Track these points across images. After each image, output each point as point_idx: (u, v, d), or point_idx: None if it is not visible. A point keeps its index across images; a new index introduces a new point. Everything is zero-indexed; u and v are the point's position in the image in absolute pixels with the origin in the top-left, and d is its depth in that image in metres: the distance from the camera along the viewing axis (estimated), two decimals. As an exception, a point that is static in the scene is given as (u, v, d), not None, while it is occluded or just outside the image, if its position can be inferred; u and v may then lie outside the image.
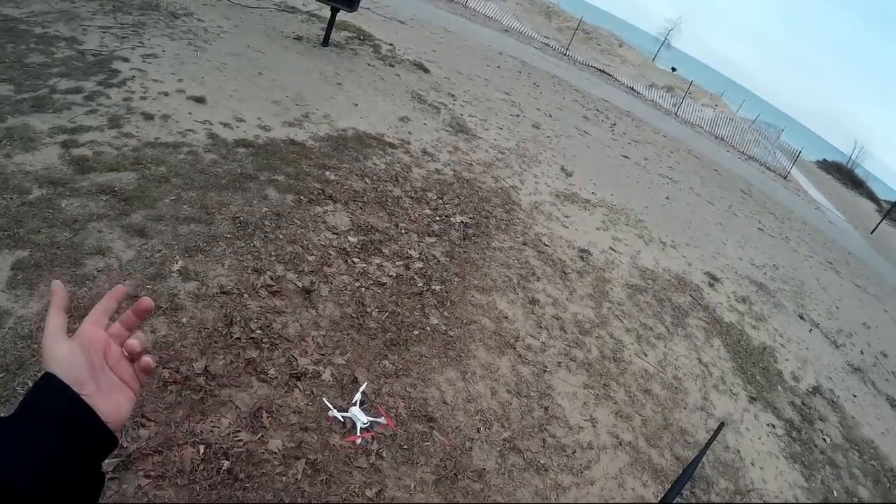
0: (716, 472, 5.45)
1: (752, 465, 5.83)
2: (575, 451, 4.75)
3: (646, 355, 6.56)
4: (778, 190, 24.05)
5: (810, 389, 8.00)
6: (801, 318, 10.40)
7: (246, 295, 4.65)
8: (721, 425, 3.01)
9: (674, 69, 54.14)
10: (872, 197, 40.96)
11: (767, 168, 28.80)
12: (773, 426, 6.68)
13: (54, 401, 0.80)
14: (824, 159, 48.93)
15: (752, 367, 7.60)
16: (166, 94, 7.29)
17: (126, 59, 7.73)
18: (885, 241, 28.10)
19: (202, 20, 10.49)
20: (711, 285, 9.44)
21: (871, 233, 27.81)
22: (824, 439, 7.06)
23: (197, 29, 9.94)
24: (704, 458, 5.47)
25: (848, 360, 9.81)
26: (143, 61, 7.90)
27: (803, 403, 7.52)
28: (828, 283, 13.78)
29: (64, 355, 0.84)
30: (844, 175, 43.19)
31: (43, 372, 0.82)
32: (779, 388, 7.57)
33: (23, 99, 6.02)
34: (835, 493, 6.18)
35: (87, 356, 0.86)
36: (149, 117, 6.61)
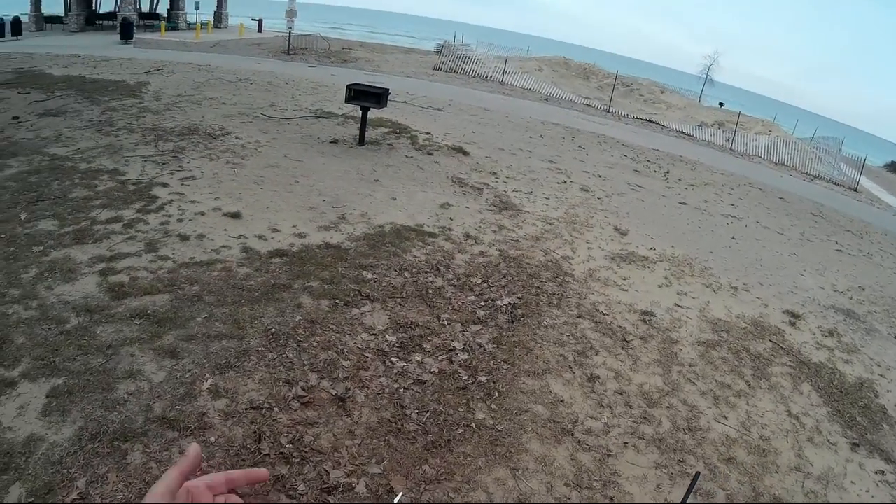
0: (819, 539, 4.88)
1: (864, 527, 5.21)
2: (653, 544, 4.32)
3: (725, 418, 6.03)
4: (850, 204, 22.82)
5: (920, 422, 7.22)
6: (900, 341, 9.56)
7: (277, 409, 4.54)
8: (696, 475, 2.70)
9: (721, 104, 53.08)
10: (950, 194, 38.47)
11: (835, 184, 27.46)
12: (883, 472, 5.97)
13: None
14: (892, 161, 46.61)
15: (850, 409, 6.90)
16: (202, 213, 7.47)
17: (165, 185, 8.03)
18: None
19: (240, 137, 10.89)
20: (793, 324, 8.78)
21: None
22: (943, 479, 6.30)
23: (235, 147, 10.30)
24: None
25: (957, 381, 8.89)
26: (182, 184, 8.19)
27: (915, 440, 6.77)
28: (923, 296, 12.74)
29: None
30: (916, 174, 40.96)
31: None
32: (884, 426, 6.83)
33: (65, 233, 6.31)
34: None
35: None
36: (184, 238, 6.77)
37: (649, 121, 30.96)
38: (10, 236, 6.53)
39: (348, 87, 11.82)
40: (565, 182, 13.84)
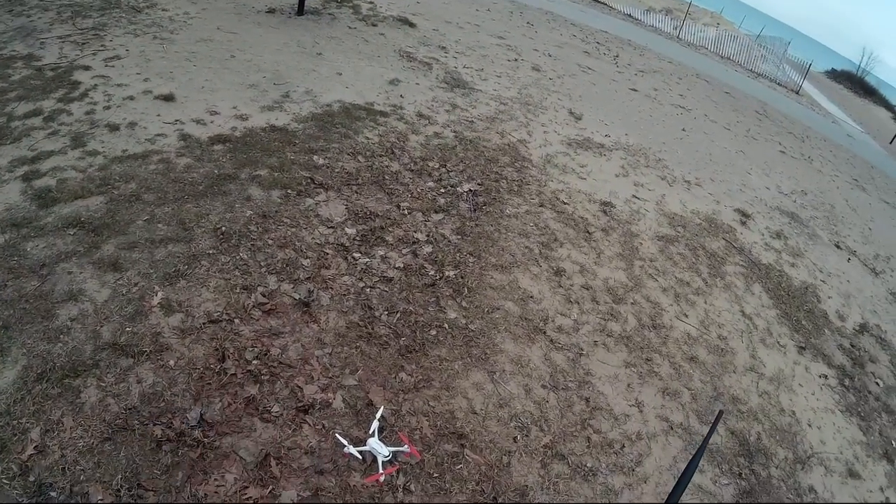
0: (773, 441, 4.98)
1: (810, 426, 5.37)
2: (623, 446, 4.25)
3: (686, 316, 5.99)
4: (792, 106, 23.05)
5: (857, 328, 7.44)
6: (838, 246, 9.76)
7: (237, 320, 4.13)
8: (720, 413, 2.62)
9: (669, -12, 52.25)
10: (887, 105, 39.45)
11: (778, 84, 27.65)
12: (826, 377, 6.18)
13: None
14: (833, 69, 47.22)
15: (796, 312, 7.03)
16: (132, 97, 6.67)
17: (87, 68, 7.11)
18: (906, 148, 27.09)
19: (166, 9, 9.78)
20: (744, 223, 8.79)
21: (891, 142, 26.77)
22: (877, 383, 6.57)
23: (162, 20, 9.24)
24: (760, 428, 4.99)
25: (889, 287, 9.19)
26: (106, 66, 7.27)
27: (852, 345, 6.98)
28: (857, 204, 13.06)
29: None
30: (856, 84, 41.65)
31: None
32: (826, 331, 7.01)
33: (-23, 134, 5.46)
34: (894, 443, 5.73)
35: None
36: (114, 128, 6.02)
37: (598, 0, 30.04)
38: None
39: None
40: (516, 60, 13.23)
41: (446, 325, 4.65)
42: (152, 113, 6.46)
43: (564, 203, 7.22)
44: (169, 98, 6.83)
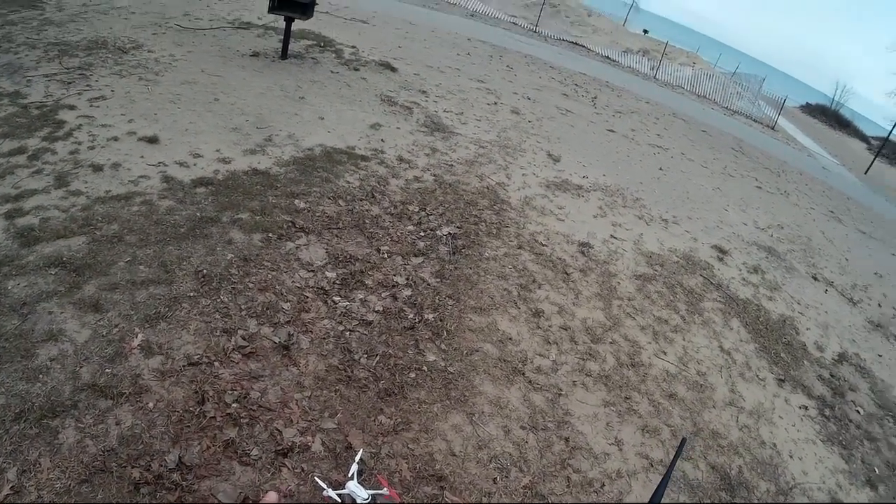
0: (754, 474, 5.00)
1: (791, 457, 5.40)
2: (604, 485, 4.27)
3: (665, 353, 6.07)
4: (768, 142, 23.54)
5: (836, 358, 7.55)
6: (815, 278, 9.93)
7: (217, 363, 4.14)
8: (683, 440, 2.66)
9: (645, 31, 53.38)
10: (861, 136, 40.37)
11: (754, 120, 28.29)
12: (806, 408, 6.24)
13: None
14: (808, 103, 48.32)
15: (775, 345, 7.13)
16: (116, 138, 6.75)
17: (73, 107, 7.20)
18: (881, 179, 27.68)
19: (152, 51, 9.93)
20: (721, 259, 8.94)
21: (866, 173, 27.37)
22: (858, 411, 6.64)
23: (147, 61, 9.38)
24: (741, 461, 5.04)
25: (867, 316, 9.35)
26: (91, 106, 7.37)
27: (832, 375, 7.08)
28: (834, 235, 13.32)
29: None
30: (830, 117, 42.65)
31: None
32: (805, 362, 7.11)
33: (-38, 172, 5.51)
34: (877, 469, 5.78)
35: None
36: (98, 168, 6.08)
37: (575, 43, 30.71)
38: None
39: (272, -7, 10.91)
40: (496, 103, 13.49)
41: (425, 368, 4.69)
42: (136, 154, 6.54)
43: (543, 245, 7.33)
44: (153, 140, 6.92)
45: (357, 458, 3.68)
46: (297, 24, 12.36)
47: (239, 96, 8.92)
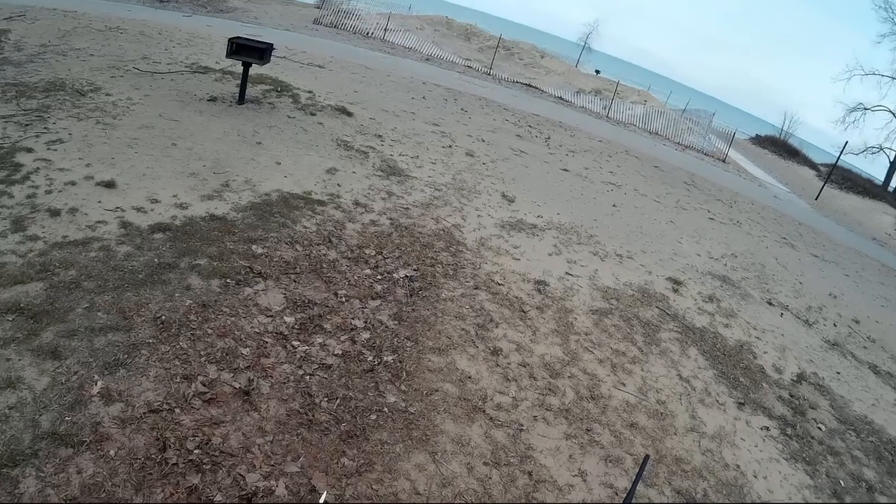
0: (720, 495, 5.08)
1: (756, 476, 5.51)
2: (569, 518, 4.29)
3: (624, 385, 6.15)
4: (720, 174, 24.14)
5: (795, 378, 7.73)
6: (770, 303, 10.18)
7: (178, 409, 4.11)
8: (646, 458, 2.69)
9: (598, 71, 54.74)
10: (810, 163, 41.51)
11: (705, 154, 29.00)
12: (768, 428, 6.37)
13: None
14: (757, 135, 49.63)
15: (733, 370, 7.27)
16: (73, 182, 6.72)
17: (30, 150, 7.16)
18: (830, 204, 28.47)
19: (110, 94, 9.93)
20: (676, 290, 9.12)
21: (816, 199, 28.16)
22: (819, 427, 6.79)
23: (105, 104, 9.38)
24: (706, 484, 5.10)
25: (823, 336, 9.60)
26: (48, 149, 7.33)
27: (791, 395, 7.24)
28: (787, 261, 13.67)
29: None
30: (779, 147, 43.78)
31: None
32: (764, 385, 7.26)
33: (-83, 215, 5.44)
34: (842, 482, 5.91)
35: None
36: (55, 213, 6.04)
37: (529, 85, 31.31)
38: None
39: (230, 40, 10.97)
40: (451, 146, 13.67)
41: (386, 409, 4.70)
42: (94, 199, 6.50)
43: (499, 284, 7.41)
44: (110, 185, 6.89)
45: (321, 501, 3.67)
46: (255, 69, 12.46)
47: (196, 141, 8.94)
